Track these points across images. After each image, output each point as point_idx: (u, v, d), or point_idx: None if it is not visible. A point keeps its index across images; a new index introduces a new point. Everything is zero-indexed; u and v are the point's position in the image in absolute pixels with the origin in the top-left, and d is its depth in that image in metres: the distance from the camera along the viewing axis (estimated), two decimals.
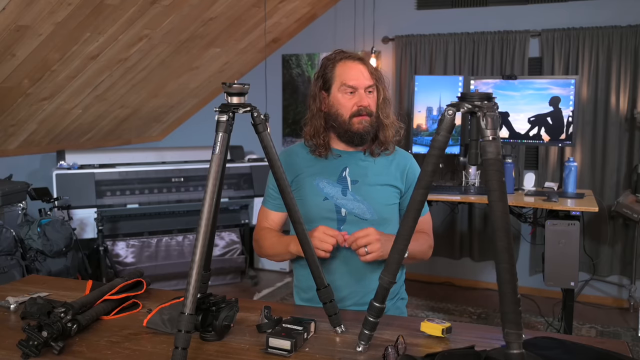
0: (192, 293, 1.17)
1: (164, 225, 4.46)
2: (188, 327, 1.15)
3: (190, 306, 1.17)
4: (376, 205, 1.72)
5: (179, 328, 1.15)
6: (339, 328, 1.40)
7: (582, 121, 4.10)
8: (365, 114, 1.70)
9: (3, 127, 3.76)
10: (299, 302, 1.84)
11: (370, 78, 1.72)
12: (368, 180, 1.74)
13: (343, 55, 1.74)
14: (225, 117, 1.26)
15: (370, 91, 1.72)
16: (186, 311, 1.16)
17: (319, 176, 1.75)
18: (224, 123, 1.26)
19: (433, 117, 3.95)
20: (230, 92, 1.29)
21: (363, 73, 1.71)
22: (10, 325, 1.45)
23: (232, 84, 1.28)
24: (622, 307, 4.15)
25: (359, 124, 1.70)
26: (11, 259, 3.18)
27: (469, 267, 4.63)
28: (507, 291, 1.05)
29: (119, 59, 3.75)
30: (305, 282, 1.77)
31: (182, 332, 1.14)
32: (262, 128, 1.36)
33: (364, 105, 1.69)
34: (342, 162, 1.76)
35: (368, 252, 1.57)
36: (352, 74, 1.70)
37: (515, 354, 1.04)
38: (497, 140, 1.10)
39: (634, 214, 3.57)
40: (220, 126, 1.26)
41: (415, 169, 1.81)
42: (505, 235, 1.07)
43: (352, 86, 1.70)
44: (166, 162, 4.61)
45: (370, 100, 1.72)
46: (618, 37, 4.00)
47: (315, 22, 4.94)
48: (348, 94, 1.71)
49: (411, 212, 1.21)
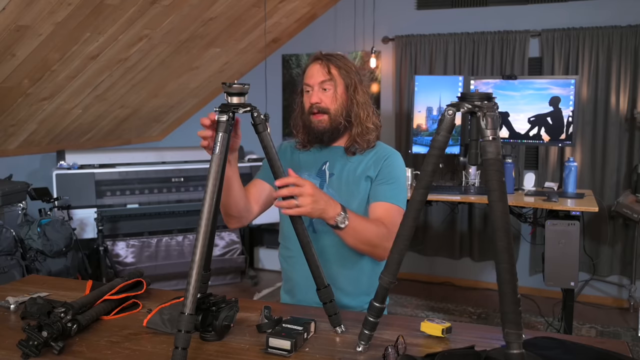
0: (192, 293, 1.17)
1: (164, 225, 4.46)
2: (188, 327, 1.15)
3: (190, 306, 1.17)
4: (349, 198, 1.71)
5: (179, 328, 1.15)
6: (339, 328, 1.40)
7: (582, 121, 4.10)
8: (317, 111, 1.71)
9: (3, 127, 3.76)
10: (285, 299, 1.85)
11: (324, 74, 1.71)
12: (344, 174, 1.75)
13: (311, 59, 1.79)
14: (226, 117, 1.27)
15: (325, 87, 1.72)
16: (186, 311, 1.16)
17: (301, 169, 1.78)
18: (224, 123, 1.27)
19: (433, 117, 3.95)
20: (231, 92, 1.29)
21: (318, 70, 1.72)
22: (10, 325, 1.45)
23: (232, 84, 1.29)
24: (622, 307, 4.15)
25: (316, 122, 1.72)
26: (11, 259, 3.18)
27: (469, 267, 4.63)
28: (507, 291, 1.05)
29: (119, 59, 3.75)
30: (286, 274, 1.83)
31: (182, 332, 1.14)
32: (262, 128, 1.36)
33: (313, 102, 1.71)
34: (323, 156, 1.79)
35: (298, 205, 1.41)
36: (309, 73, 1.75)
37: (515, 354, 1.04)
38: (497, 140, 1.10)
39: (634, 214, 3.57)
40: (221, 126, 1.26)
41: (394, 162, 1.75)
42: (505, 235, 1.07)
43: (307, 84, 1.74)
44: (166, 162, 4.61)
45: (324, 96, 1.72)
46: (618, 37, 4.00)
47: (315, 22, 4.94)
48: (307, 93, 1.75)
49: (411, 212, 1.21)
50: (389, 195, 1.69)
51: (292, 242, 1.71)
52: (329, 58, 1.74)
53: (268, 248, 5.04)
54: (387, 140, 3.38)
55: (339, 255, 1.72)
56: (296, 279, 1.78)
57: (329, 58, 1.74)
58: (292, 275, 1.80)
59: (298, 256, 1.68)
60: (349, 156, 1.77)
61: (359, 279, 1.75)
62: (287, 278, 1.84)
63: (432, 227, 4.65)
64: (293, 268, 1.79)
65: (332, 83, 1.71)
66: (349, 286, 1.73)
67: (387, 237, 1.58)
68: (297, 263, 1.74)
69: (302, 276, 1.71)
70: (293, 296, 1.81)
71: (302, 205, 1.41)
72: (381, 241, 1.58)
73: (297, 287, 1.78)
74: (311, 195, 1.42)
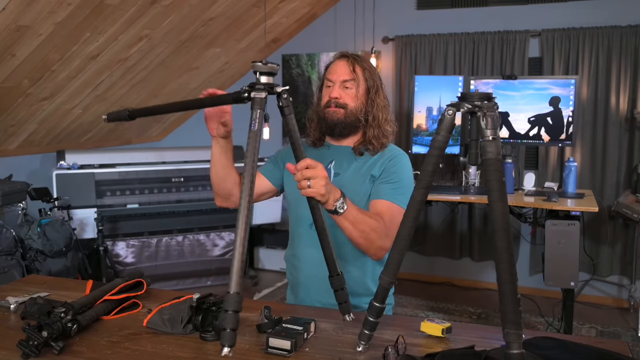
0: (237, 267, 1.12)
1: (164, 225, 4.46)
2: (236, 307, 1.10)
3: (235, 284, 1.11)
4: (351, 195, 1.69)
5: (225, 308, 1.10)
6: (347, 316, 1.42)
7: (582, 121, 4.10)
8: (334, 105, 1.74)
9: (3, 127, 3.76)
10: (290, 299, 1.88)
11: (348, 73, 1.75)
12: (349, 174, 1.76)
13: (336, 55, 1.82)
14: (264, 95, 1.28)
15: (347, 86, 1.75)
16: (232, 290, 1.11)
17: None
18: (261, 100, 1.28)
19: (433, 117, 3.95)
20: (263, 72, 1.30)
21: (342, 67, 1.76)
22: (10, 325, 1.45)
23: (267, 63, 1.30)
24: (622, 307, 4.15)
25: (331, 113, 1.75)
26: (11, 259, 3.18)
27: (469, 267, 4.63)
28: (507, 291, 1.05)
29: (119, 59, 3.75)
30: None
31: (230, 312, 1.10)
32: (288, 111, 1.38)
33: (333, 97, 1.75)
34: (330, 154, 1.81)
35: (310, 185, 1.41)
36: (333, 69, 1.79)
37: (515, 354, 1.04)
38: (497, 140, 1.10)
39: (634, 214, 3.57)
40: (257, 103, 1.27)
41: (399, 162, 1.76)
42: (505, 235, 1.07)
43: (329, 79, 1.78)
44: (166, 162, 4.61)
45: (345, 94, 1.75)
46: (618, 37, 4.00)
47: (315, 22, 4.94)
48: (327, 88, 1.79)
49: (411, 212, 1.21)
50: (390, 193, 1.69)
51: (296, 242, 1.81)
52: (355, 57, 1.78)
53: (268, 248, 5.04)
54: None
55: (339, 255, 1.72)
56: (299, 279, 1.83)
57: (355, 57, 1.78)
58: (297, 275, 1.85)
59: (301, 256, 1.75)
60: (357, 156, 1.78)
61: (360, 277, 1.76)
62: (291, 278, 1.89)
63: (432, 227, 4.65)
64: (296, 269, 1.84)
65: (354, 82, 1.75)
66: (350, 285, 1.73)
67: (384, 233, 1.58)
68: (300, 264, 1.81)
69: (304, 276, 1.80)
70: (296, 296, 1.86)
71: (315, 187, 1.41)
72: (378, 237, 1.58)
73: (300, 286, 1.82)
74: (325, 178, 1.42)
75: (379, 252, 1.62)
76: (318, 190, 1.40)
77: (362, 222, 1.55)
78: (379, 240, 1.58)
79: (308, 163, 1.41)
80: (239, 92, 1.31)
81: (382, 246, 1.60)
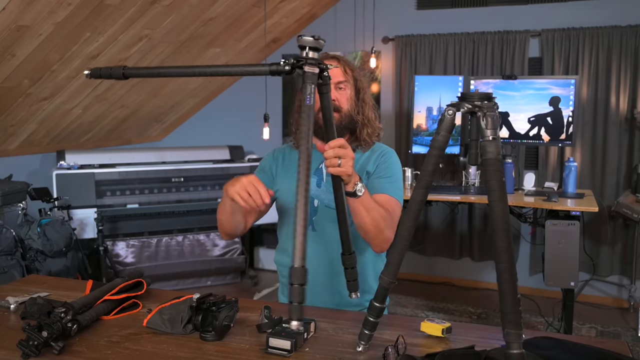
0: (300, 241, 1.13)
1: (164, 225, 4.46)
2: (301, 280, 1.11)
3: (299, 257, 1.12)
4: None
5: (291, 282, 1.11)
6: (354, 294, 1.49)
7: (582, 121, 4.10)
8: None
9: (3, 127, 3.76)
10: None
11: (341, 74, 1.76)
12: None
13: (324, 56, 1.80)
14: (317, 70, 1.30)
15: (341, 87, 1.76)
16: (297, 263, 1.12)
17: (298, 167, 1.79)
18: (313, 75, 1.29)
19: (433, 117, 3.95)
20: (312, 47, 1.30)
21: (335, 69, 1.74)
22: (10, 325, 1.45)
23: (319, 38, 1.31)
24: (622, 307, 4.15)
25: None
26: (11, 259, 3.18)
27: (469, 267, 4.63)
28: (507, 291, 1.06)
29: (119, 59, 3.75)
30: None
31: (296, 285, 1.11)
32: (326, 89, 1.41)
33: None
34: (320, 155, 1.79)
35: (340, 165, 1.44)
36: None
37: (515, 354, 1.04)
38: (497, 140, 1.10)
39: (634, 214, 3.57)
40: (310, 78, 1.29)
41: (390, 158, 1.80)
42: (505, 235, 1.07)
43: None
44: (166, 162, 4.61)
45: (339, 95, 1.76)
46: (618, 37, 4.00)
47: (315, 22, 4.94)
48: None
49: (411, 212, 1.21)
50: (387, 187, 1.72)
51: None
52: (343, 59, 1.80)
53: (268, 248, 5.04)
54: (387, 140, 3.38)
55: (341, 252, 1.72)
56: None
57: (343, 59, 1.80)
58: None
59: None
60: None
61: (361, 276, 1.75)
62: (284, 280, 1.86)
63: (432, 227, 4.65)
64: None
65: (347, 84, 1.77)
66: None
67: (390, 223, 1.63)
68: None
69: None
70: None
71: (344, 167, 1.45)
72: (386, 226, 1.61)
73: None
74: (353, 159, 1.47)
75: (383, 243, 1.65)
76: (347, 170, 1.45)
77: (374, 209, 1.59)
78: (387, 229, 1.62)
79: (342, 142, 1.45)
80: (277, 63, 1.32)
81: (388, 237, 1.64)
